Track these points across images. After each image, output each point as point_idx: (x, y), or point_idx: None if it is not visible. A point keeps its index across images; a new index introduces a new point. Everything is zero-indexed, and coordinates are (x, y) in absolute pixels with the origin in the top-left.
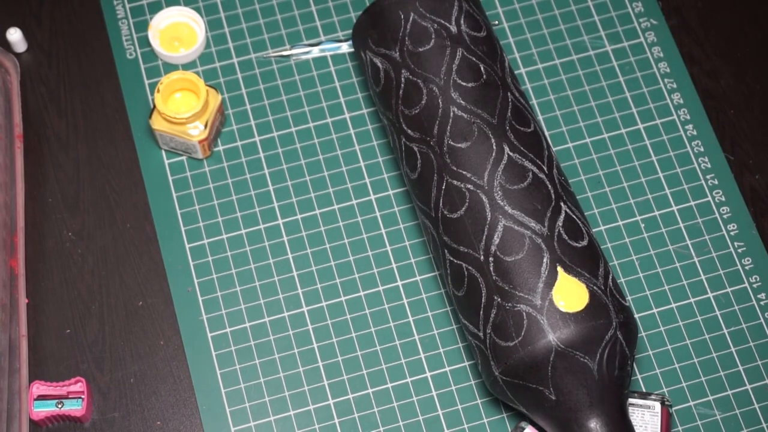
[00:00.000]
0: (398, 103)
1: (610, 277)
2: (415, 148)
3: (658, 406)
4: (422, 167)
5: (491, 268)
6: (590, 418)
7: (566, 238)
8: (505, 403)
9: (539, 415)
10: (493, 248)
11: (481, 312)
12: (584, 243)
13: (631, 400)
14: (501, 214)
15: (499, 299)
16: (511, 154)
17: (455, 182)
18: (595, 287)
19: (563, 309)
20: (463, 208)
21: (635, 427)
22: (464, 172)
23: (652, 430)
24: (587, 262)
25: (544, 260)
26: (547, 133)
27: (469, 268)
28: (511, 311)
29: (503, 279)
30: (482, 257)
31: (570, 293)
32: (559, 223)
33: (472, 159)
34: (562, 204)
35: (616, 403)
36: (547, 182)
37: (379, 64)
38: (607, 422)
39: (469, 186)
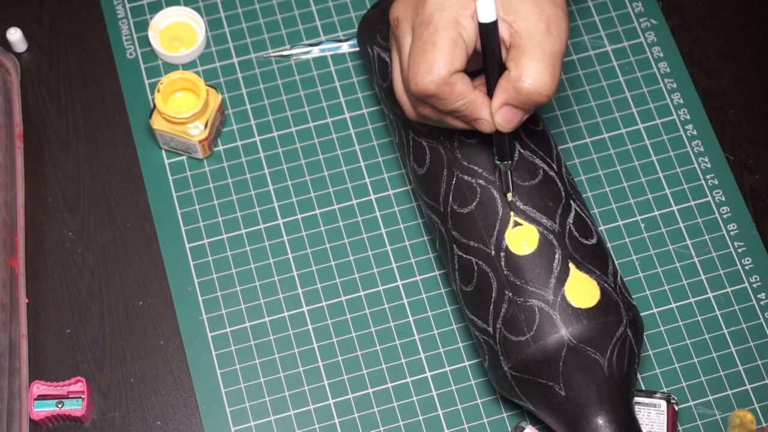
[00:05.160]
0: None
1: (619, 276)
2: (424, 143)
3: (663, 404)
4: (431, 162)
5: (502, 263)
6: (598, 415)
7: (577, 235)
8: (507, 401)
9: (547, 411)
10: (504, 243)
11: (491, 307)
12: (594, 241)
13: (637, 399)
14: (513, 210)
15: (510, 294)
16: (522, 151)
17: (466, 177)
18: (605, 284)
19: (575, 305)
20: (474, 203)
21: (641, 426)
22: (475, 167)
23: (659, 429)
24: (597, 259)
25: (556, 256)
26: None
27: (479, 262)
28: (522, 306)
29: (515, 274)
30: (493, 252)
31: (582, 290)
32: (570, 220)
33: (484, 155)
34: (571, 202)
35: (623, 400)
36: (557, 180)
37: (387, 59)
38: (616, 419)
39: (480, 181)
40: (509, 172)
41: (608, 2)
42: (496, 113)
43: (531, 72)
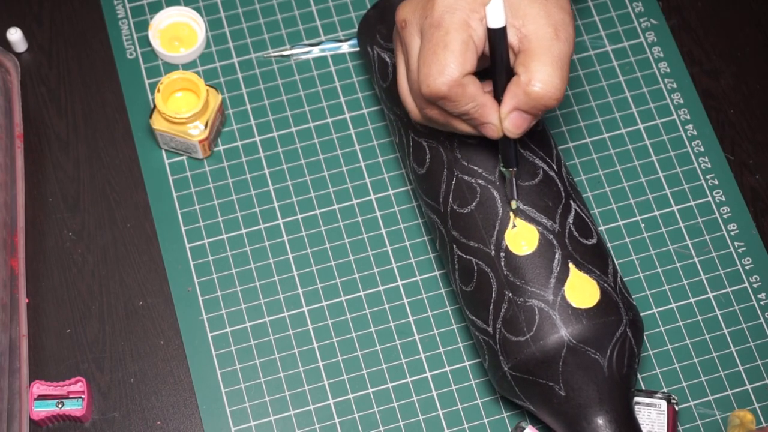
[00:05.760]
0: None
1: (619, 276)
2: (424, 143)
3: (664, 404)
4: (431, 162)
5: (502, 263)
6: (598, 415)
7: (577, 235)
8: (508, 401)
9: (547, 411)
10: (504, 243)
11: (491, 307)
12: (594, 241)
13: (637, 399)
14: (516, 215)
15: (510, 294)
16: (522, 151)
17: (466, 177)
18: (605, 284)
19: (575, 305)
20: (474, 203)
21: (641, 426)
22: (475, 168)
23: (659, 429)
24: (597, 259)
25: (556, 256)
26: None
27: (479, 263)
28: (522, 306)
29: (515, 274)
30: (493, 252)
31: (582, 290)
32: (570, 220)
33: (484, 154)
34: (571, 202)
35: (623, 400)
36: (557, 180)
37: (387, 59)
38: (616, 419)
39: (480, 181)
40: (514, 179)
41: (608, 2)
42: (505, 118)
43: (540, 76)
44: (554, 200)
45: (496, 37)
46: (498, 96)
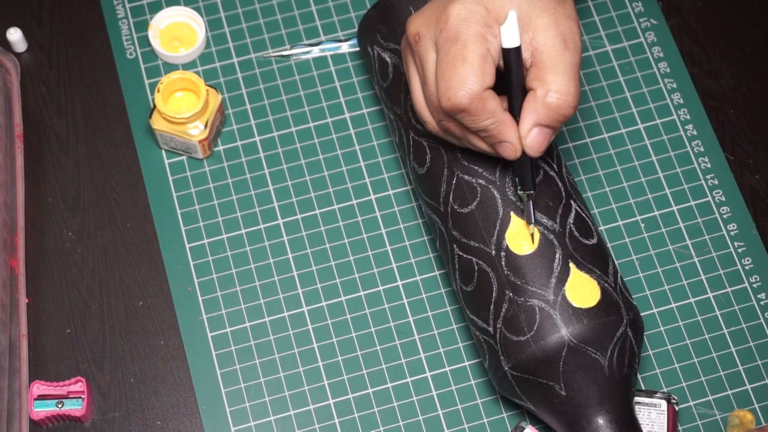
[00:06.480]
0: (407, 97)
1: (619, 276)
2: (425, 143)
3: (664, 404)
4: (431, 162)
5: (503, 263)
6: (599, 414)
7: (577, 235)
8: (508, 401)
9: (547, 411)
10: (504, 243)
11: (492, 307)
12: (594, 241)
13: (637, 399)
14: (513, 210)
15: (510, 294)
16: None
17: (466, 177)
18: (606, 284)
19: (575, 305)
20: (474, 203)
21: (642, 426)
22: (476, 167)
23: (659, 429)
24: (597, 259)
25: (557, 256)
26: None
27: (480, 262)
28: (523, 306)
29: (515, 274)
30: (494, 252)
31: (582, 290)
32: (570, 220)
33: (484, 155)
34: (572, 202)
35: (624, 400)
36: (558, 180)
37: (388, 59)
38: (616, 419)
39: (480, 181)
40: (531, 203)
41: (608, 2)
42: (526, 136)
43: (556, 86)
44: (554, 200)
45: (511, 57)
46: (515, 115)
